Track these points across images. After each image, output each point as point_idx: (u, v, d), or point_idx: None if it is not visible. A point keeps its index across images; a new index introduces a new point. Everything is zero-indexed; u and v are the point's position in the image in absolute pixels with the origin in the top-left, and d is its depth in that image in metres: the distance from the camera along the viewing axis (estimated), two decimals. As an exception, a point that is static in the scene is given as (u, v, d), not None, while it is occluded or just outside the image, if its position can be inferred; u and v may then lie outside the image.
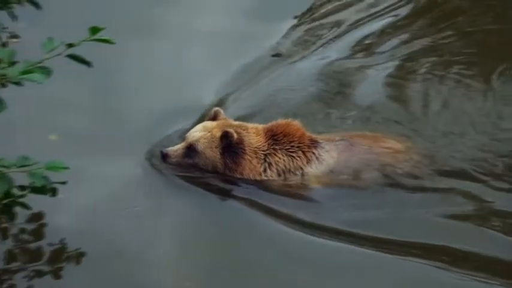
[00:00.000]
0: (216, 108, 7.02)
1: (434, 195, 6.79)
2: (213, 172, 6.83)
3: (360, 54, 8.85)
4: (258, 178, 6.81)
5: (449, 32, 9.11)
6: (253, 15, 9.20)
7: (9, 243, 6.05)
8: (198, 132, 6.78)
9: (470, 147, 7.21)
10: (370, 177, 6.83)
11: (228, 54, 8.63)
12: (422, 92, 8.14)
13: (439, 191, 6.82)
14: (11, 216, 4.96)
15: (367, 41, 9.07)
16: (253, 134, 6.83)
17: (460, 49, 8.78)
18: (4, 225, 6.08)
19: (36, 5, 5.14)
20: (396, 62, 8.66)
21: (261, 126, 6.93)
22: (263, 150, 6.81)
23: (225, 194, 6.80)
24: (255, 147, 6.81)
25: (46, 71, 4.44)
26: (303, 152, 6.83)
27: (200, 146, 6.76)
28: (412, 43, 9.00)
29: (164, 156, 6.80)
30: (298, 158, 6.82)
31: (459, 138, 7.34)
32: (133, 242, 6.28)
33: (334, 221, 6.50)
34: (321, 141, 6.90)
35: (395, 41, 9.05)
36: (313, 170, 6.82)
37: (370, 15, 9.53)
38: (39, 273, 5.87)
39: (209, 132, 6.76)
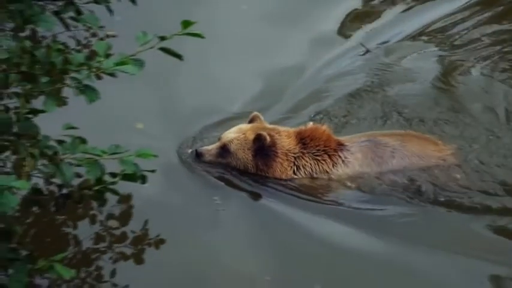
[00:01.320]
0: (255, 113, 7.11)
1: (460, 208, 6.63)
2: (244, 171, 6.94)
3: (417, 47, 8.74)
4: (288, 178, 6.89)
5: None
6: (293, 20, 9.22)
7: (97, 225, 6.32)
8: (232, 134, 6.92)
9: None
10: (393, 180, 6.78)
11: (272, 56, 8.66)
12: (480, 89, 7.92)
13: (471, 206, 6.61)
14: (102, 203, 5.13)
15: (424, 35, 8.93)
16: (285, 137, 6.91)
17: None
18: (94, 208, 6.37)
19: (133, 0, 5.32)
20: (455, 56, 8.49)
21: (292, 130, 7.01)
22: (294, 153, 6.89)
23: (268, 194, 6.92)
24: (286, 150, 6.88)
25: (139, 63, 4.55)
26: (329, 156, 6.87)
27: (233, 147, 6.88)
28: (472, 36, 8.77)
29: (198, 155, 6.93)
30: (323, 162, 6.88)
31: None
32: (211, 233, 6.45)
33: (358, 223, 6.55)
34: (346, 143, 6.92)
35: (455, 31, 8.89)
36: (340, 172, 6.84)
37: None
38: (123, 256, 6.12)
39: (243, 134, 6.89)
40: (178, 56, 4.68)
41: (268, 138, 6.81)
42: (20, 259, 4.69)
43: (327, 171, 6.87)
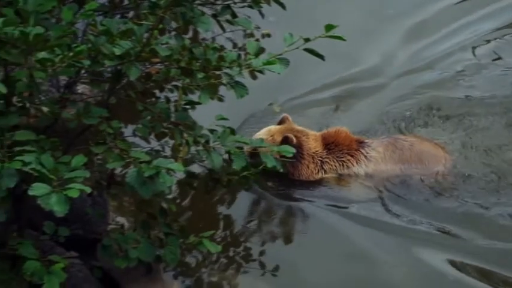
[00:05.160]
0: (285, 115, 7.24)
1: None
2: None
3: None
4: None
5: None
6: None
7: (243, 208, 6.83)
8: (261, 135, 7.00)
9: None
10: (412, 172, 6.91)
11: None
12: None
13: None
14: (248, 187, 5.56)
15: None
16: (312, 140, 7.02)
17: None
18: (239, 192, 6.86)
19: (282, 6, 5.73)
20: None
21: (319, 133, 7.14)
22: (320, 157, 7.00)
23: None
24: (313, 152, 7.01)
25: (285, 62, 4.88)
26: (352, 156, 7.00)
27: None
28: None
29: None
30: (347, 161, 7.00)
31: None
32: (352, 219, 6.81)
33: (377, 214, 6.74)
34: (367, 140, 7.08)
35: None
36: (364, 168, 6.99)
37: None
38: (271, 237, 6.61)
39: (271, 136, 7.02)
40: (320, 56, 4.99)
41: (294, 140, 6.94)
42: (174, 233, 5.23)
43: (351, 169, 7.06)
